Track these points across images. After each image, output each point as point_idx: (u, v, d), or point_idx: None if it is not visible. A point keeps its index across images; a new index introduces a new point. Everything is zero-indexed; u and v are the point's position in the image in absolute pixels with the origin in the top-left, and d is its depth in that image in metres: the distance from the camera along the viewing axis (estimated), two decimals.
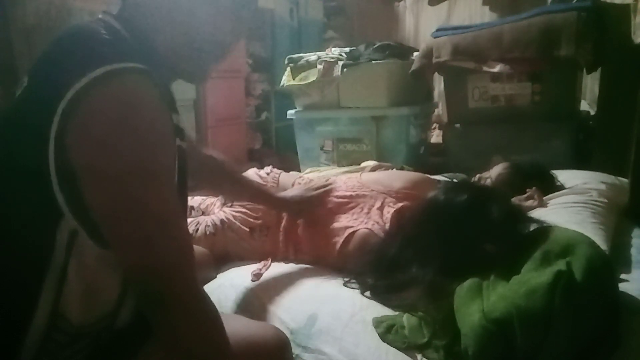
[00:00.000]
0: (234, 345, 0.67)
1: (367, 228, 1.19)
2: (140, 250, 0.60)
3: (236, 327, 0.76)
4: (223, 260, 1.33)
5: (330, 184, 1.34)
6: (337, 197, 1.29)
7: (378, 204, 1.24)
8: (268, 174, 1.43)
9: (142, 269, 0.60)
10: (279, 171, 1.47)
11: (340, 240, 1.20)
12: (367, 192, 1.28)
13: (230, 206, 1.36)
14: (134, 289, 0.67)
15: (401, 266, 1.02)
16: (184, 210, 0.76)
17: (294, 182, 1.39)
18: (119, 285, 0.67)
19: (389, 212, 1.21)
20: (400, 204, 1.23)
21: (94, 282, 0.64)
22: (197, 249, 1.23)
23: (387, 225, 1.18)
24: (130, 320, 0.72)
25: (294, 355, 0.94)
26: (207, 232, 1.31)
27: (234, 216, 1.32)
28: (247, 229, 1.31)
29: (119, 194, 0.58)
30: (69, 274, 0.61)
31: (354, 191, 1.29)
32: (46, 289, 0.61)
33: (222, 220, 1.32)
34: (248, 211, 1.32)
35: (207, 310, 0.65)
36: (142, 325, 0.68)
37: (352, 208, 1.26)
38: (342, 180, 1.37)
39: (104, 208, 0.59)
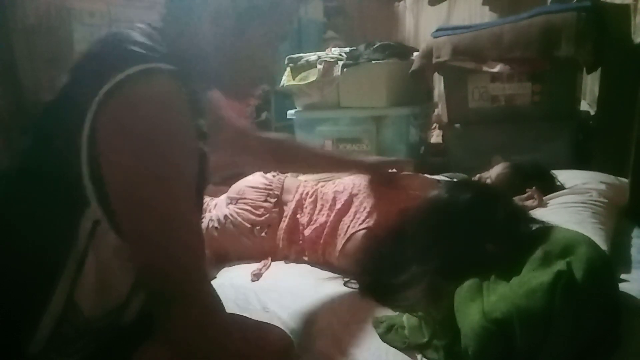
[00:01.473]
0: (238, 345, 0.67)
1: (368, 228, 1.19)
2: (151, 245, 0.61)
3: (241, 327, 0.77)
4: (223, 259, 1.34)
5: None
6: (349, 195, 1.30)
7: (380, 204, 1.24)
8: (274, 176, 1.46)
9: (152, 264, 0.61)
10: (284, 175, 1.50)
11: (342, 240, 1.20)
12: (372, 191, 1.28)
13: (235, 204, 1.38)
14: (143, 284, 0.68)
15: (402, 266, 1.02)
16: (199, 211, 0.78)
17: (299, 186, 1.40)
18: (130, 281, 0.69)
19: (391, 212, 1.21)
20: (402, 204, 1.23)
21: (108, 275, 0.66)
22: None
23: (389, 225, 1.18)
24: (134, 318, 0.74)
25: None
26: (210, 226, 1.35)
27: (237, 212, 1.35)
28: (249, 225, 1.33)
29: (135, 188, 0.60)
30: (87, 263, 0.63)
31: (358, 190, 1.29)
32: (64, 277, 0.63)
33: (225, 216, 1.35)
34: (251, 209, 1.35)
35: (214, 309, 0.66)
36: (144, 325, 0.69)
37: (356, 207, 1.26)
38: (349, 179, 1.38)
39: (121, 200, 0.61)
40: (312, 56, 2.45)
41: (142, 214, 0.60)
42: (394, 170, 1.31)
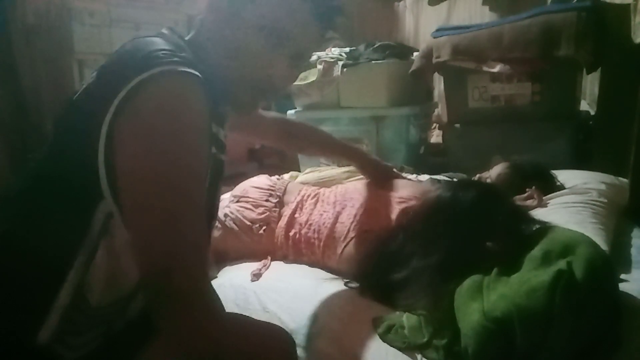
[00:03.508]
0: (239, 345, 0.68)
1: (367, 231, 1.19)
2: (154, 241, 0.61)
3: (243, 326, 0.77)
4: (223, 258, 1.34)
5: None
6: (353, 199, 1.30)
7: (382, 206, 1.24)
8: (278, 179, 1.49)
9: (154, 261, 0.62)
10: (287, 180, 1.53)
11: (342, 244, 1.20)
12: (375, 195, 1.29)
13: (237, 202, 1.39)
14: (144, 282, 0.68)
15: (403, 266, 1.02)
16: (209, 215, 0.78)
17: (301, 189, 1.41)
18: (137, 274, 0.70)
19: (393, 213, 1.21)
20: (405, 205, 1.23)
21: (117, 267, 0.68)
22: None
23: (389, 227, 1.18)
24: (140, 313, 0.76)
25: None
26: None
27: (237, 210, 1.36)
28: (248, 223, 1.33)
29: (143, 181, 0.61)
30: (97, 255, 0.65)
31: (359, 194, 1.29)
32: (75, 267, 0.64)
33: (225, 214, 1.35)
34: (252, 207, 1.36)
35: (213, 309, 0.65)
36: (149, 324, 0.70)
37: (356, 210, 1.25)
38: (351, 184, 1.38)
39: (129, 193, 0.62)
40: (312, 56, 2.45)
41: (148, 209, 0.61)
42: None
